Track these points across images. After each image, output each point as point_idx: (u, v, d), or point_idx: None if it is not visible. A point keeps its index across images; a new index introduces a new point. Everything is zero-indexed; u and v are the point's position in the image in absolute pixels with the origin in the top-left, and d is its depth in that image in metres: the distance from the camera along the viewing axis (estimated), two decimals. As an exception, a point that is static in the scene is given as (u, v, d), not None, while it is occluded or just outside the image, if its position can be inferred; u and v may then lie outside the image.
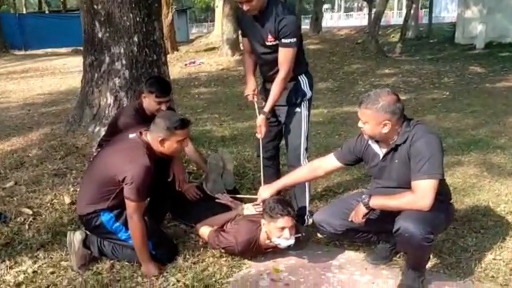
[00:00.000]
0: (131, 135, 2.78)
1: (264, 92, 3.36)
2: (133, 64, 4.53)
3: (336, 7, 47.39)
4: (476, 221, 3.41)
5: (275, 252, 3.01)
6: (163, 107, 3.33)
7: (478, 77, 11.61)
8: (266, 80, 3.35)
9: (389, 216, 2.54)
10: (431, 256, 2.88)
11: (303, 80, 3.26)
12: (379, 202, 2.54)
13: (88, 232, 2.90)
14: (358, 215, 2.62)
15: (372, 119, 2.53)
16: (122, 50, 4.48)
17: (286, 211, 2.82)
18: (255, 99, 3.43)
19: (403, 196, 2.47)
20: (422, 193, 2.40)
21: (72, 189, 3.83)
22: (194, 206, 3.35)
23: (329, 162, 2.95)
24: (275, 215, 2.81)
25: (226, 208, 3.24)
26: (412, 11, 19.12)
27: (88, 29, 4.55)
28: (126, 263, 2.86)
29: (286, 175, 3.14)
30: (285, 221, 2.81)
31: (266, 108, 3.18)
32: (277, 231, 2.83)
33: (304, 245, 3.13)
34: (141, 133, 2.78)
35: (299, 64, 3.20)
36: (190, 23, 37.56)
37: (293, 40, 3.04)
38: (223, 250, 2.98)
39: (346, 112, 7.85)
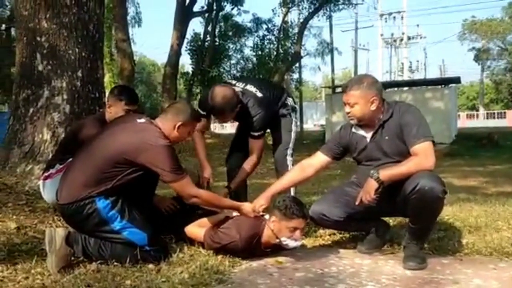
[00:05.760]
0: (140, 120, 2.64)
1: None
2: (75, 99, 4.29)
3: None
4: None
5: (268, 253, 2.90)
6: None
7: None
8: None
9: (387, 199, 2.67)
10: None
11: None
12: (389, 172, 2.61)
13: (71, 229, 2.55)
14: (370, 191, 2.60)
15: (361, 98, 2.74)
16: (64, 84, 4.25)
17: (302, 212, 2.74)
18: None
19: (408, 161, 2.61)
20: (424, 154, 2.59)
21: (14, 217, 3.34)
22: (171, 219, 3.11)
23: (318, 159, 3.04)
24: (290, 214, 2.70)
25: (210, 213, 3.05)
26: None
27: (26, 62, 4.29)
28: (115, 263, 2.51)
29: (276, 181, 3.13)
30: (299, 222, 2.72)
31: (232, 185, 3.45)
32: (288, 231, 2.72)
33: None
34: (150, 119, 2.67)
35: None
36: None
37: (258, 133, 3.43)
38: (222, 249, 2.74)
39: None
